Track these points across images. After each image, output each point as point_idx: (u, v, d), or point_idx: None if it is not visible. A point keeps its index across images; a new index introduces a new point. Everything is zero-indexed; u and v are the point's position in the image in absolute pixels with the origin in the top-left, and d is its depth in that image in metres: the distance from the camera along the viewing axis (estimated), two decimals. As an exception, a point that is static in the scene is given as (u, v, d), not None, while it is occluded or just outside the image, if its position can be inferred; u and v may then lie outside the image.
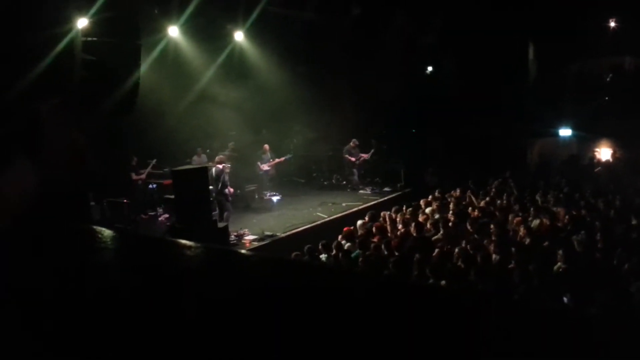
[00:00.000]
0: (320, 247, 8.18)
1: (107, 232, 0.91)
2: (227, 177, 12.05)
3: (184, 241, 0.87)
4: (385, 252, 7.54)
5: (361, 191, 15.53)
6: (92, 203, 11.05)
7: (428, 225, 8.92)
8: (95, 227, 0.97)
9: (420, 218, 9.53)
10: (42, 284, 0.79)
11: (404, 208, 10.33)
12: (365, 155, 16.13)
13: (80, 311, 0.69)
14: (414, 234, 8.39)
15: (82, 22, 9.45)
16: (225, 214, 11.62)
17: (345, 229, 9.31)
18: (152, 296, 0.73)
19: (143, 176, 12.86)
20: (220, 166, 11.78)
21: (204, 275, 0.83)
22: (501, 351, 0.67)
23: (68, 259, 0.86)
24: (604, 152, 17.00)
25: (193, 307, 0.70)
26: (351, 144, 16.09)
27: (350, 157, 16.04)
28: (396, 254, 7.41)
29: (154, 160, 13.09)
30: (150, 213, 12.95)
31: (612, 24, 18.00)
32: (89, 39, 9.36)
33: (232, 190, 12.19)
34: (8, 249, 0.87)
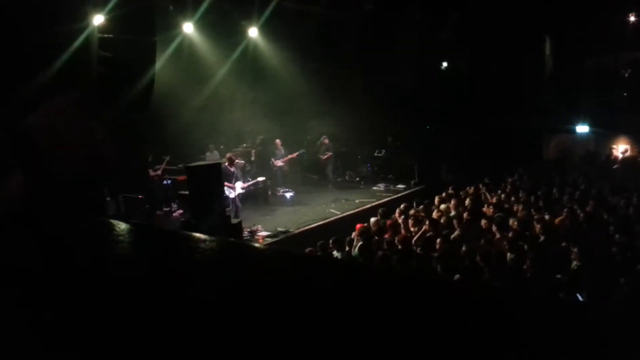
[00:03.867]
0: (331, 243, 8.15)
1: (122, 225, 0.93)
2: (239, 174, 12.15)
3: (198, 234, 0.88)
4: (399, 248, 7.52)
5: (374, 188, 15.51)
6: (108, 198, 11.18)
7: (442, 222, 8.87)
8: (110, 219, 0.98)
9: (434, 215, 9.48)
10: (57, 273, 0.80)
11: (415, 204, 10.28)
12: (329, 154, 15.91)
13: (93, 301, 0.70)
14: (428, 231, 8.36)
15: (98, 19, 9.56)
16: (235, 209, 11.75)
17: (357, 225, 9.29)
18: (165, 287, 0.73)
19: (159, 172, 12.97)
20: (227, 163, 11.92)
21: (218, 267, 0.84)
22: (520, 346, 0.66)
23: (83, 250, 0.87)
24: (622, 149, 16.74)
25: (206, 298, 0.70)
26: (323, 141, 15.93)
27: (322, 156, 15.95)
28: (413, 249, 7.39)
29: (168, 157, 13.20)
30: (164, 209, 13.06)
31: (632, 19, 17.68)
32: (105, 35, 9.46)
33: (243, 184, 12.24)
34: (21, 240, 0.88)
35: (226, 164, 11.97)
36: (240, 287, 0.71)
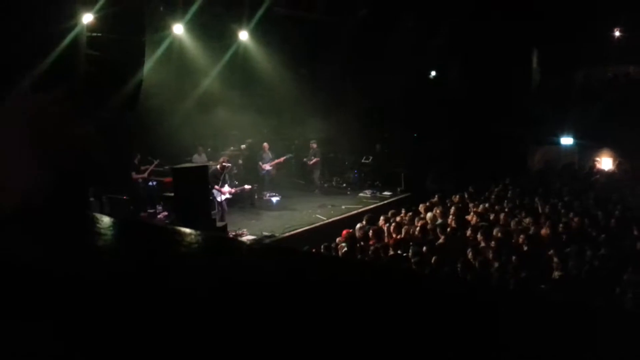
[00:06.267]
0: (322, 249, 8.17)
1: (107, 219, 0.92)
2: (226, 177, 12.13)
3: (185, 229, 0.88)
4: (382, 255, 7.54)
5: (361, 194, 15.54)
6: (92, 198, 11.04)
7: (428, 230, 8.91)
8: (95, 214, 0.97)
9: (419, 223, 9.52)
10: (46, 268, 0.79)
11: (403, 212, 10.32)
12: (316, 159, 15.94)
13: (84, 295, 0.69)
14: (413, 238, 8.39)
15: (87, 18, 9.47)
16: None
17: (344, 231, 9.29)
18: (153, 281, 0.73)
19: (144, 175, 12.79)
20: (218, 166, 11.92)
21: (206, 261, 0.83)
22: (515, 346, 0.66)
23: (70, 245, 0.87)
24: (605, 161, 16.98)
25: (197, 291, 0.70)
26: (312, 145, 15.98)
27: (308, 161, 15.97)
28: (391, 254, 7.41)
29: (157, 160, 13.04)
30: (149, 210, 12.94)
31: (617, 33, 18.02)
32: (94, 34, 9.38)
33: (231, 189, 12.21)
34: (10, 236, 0.87)
35: (217, 166, 11.95)
36: (228, 278, 0.71)
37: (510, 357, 0.64)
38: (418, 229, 8.77)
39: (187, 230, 0.85)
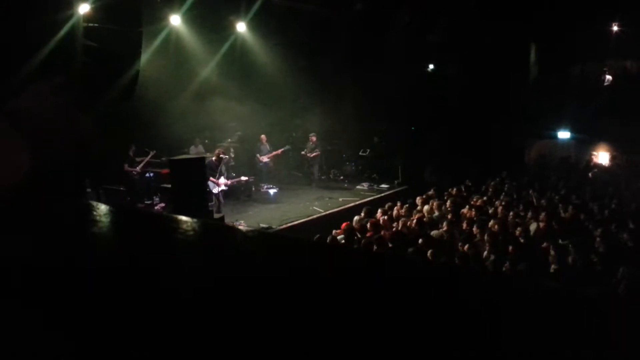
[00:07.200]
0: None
1: (103, 207, 0.92)
2: (223, 168, 12.13)
3: (182, 216, 0.88)
4: (377, 248, 7.55)
5: (358, 187, 15.56)
6: (88, 189, 11.03)
7: (424, 222, 8.93)
8: (91, 202, 0.97)
9: (416, 216, 9.54)
10: (39, 256, 0.79)
11: (399, 204, 10.34)
12: (317, 153, 15.91)
13: (78, 284, 0.69)
14: (409, 230, 8.41)
15: (83, 8, 9.42)
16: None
17: (343, 224, 9.28)
18: (150, 269, 0.73)
19: (137, 169, 12.67)
20: (214, 158, 11.93)
21: (203, 248, 0.84)
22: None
23: (65, 232, 0.87)
24: (602, 155, 17.05)
25: (193, 280, 0.70)
26: (311, 138, 15.99)
27: (307, 154, 15.92)
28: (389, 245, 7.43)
29: (153, 152, 12.99)
30: (146, 202, 12.93)
31: (615, 28, 18.02)
32: (91, 24, 9.34)
33: (226, 181, 12.21)
34: (3, 227, 0.87)
35: (213, 158, 11.94)
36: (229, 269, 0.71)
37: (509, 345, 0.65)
38: (415, 221, 8.78)
39: (184, 218, 0.85)
